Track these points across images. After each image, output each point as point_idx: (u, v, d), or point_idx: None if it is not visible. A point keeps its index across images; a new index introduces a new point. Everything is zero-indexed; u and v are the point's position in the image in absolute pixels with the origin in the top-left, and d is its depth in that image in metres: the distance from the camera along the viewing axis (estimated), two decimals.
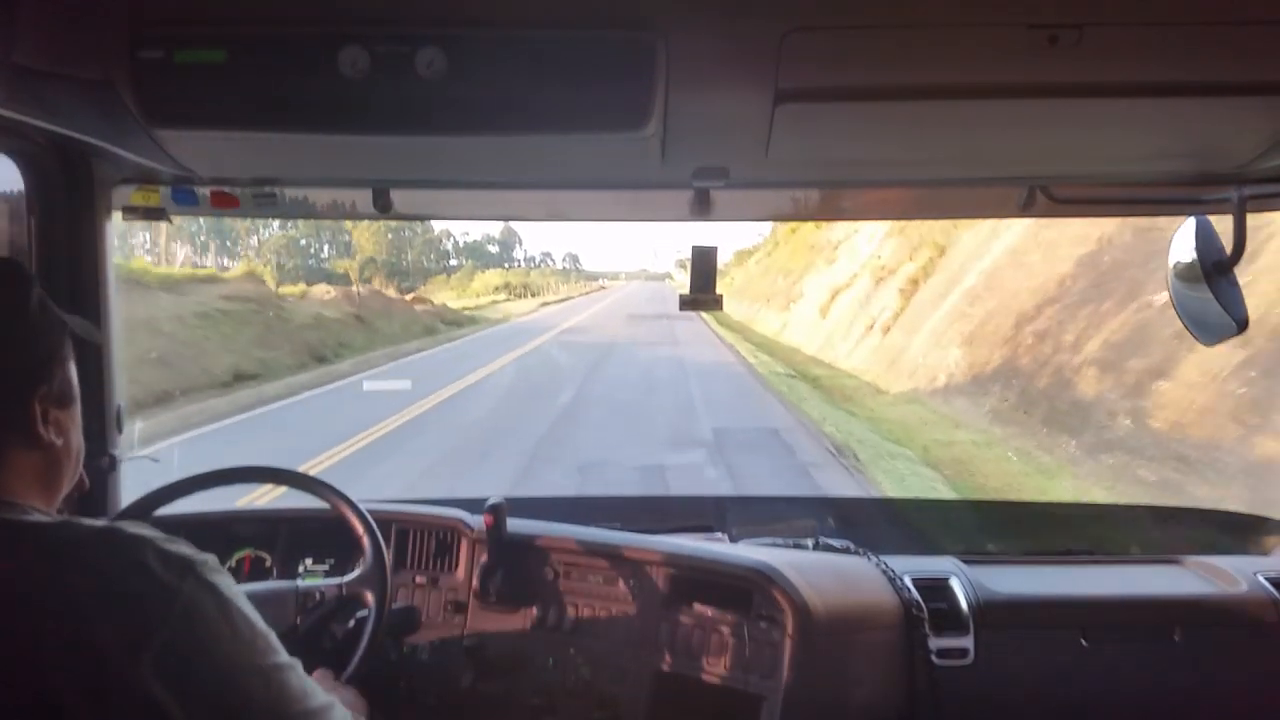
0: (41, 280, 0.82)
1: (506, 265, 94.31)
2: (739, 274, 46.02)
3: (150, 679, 0.67)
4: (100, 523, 0.74)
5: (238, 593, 0.75)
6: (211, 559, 0.74)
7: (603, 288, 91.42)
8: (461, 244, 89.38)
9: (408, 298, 30.69)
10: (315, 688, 0.79)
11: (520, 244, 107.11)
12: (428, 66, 0.88)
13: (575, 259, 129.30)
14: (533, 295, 62.38)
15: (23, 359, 0.78)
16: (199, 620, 0.71)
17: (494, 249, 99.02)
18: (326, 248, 69.33)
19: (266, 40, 0.90)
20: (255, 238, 62.71)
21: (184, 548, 0.73)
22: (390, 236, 66.40)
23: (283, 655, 0.77)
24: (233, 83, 0.91)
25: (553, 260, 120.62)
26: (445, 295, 55.06)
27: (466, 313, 33.08)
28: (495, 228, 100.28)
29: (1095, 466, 7.56)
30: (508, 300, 51.85)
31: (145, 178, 1.38)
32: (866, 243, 20.94)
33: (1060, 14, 0.86)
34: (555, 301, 52.04)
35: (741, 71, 0.95)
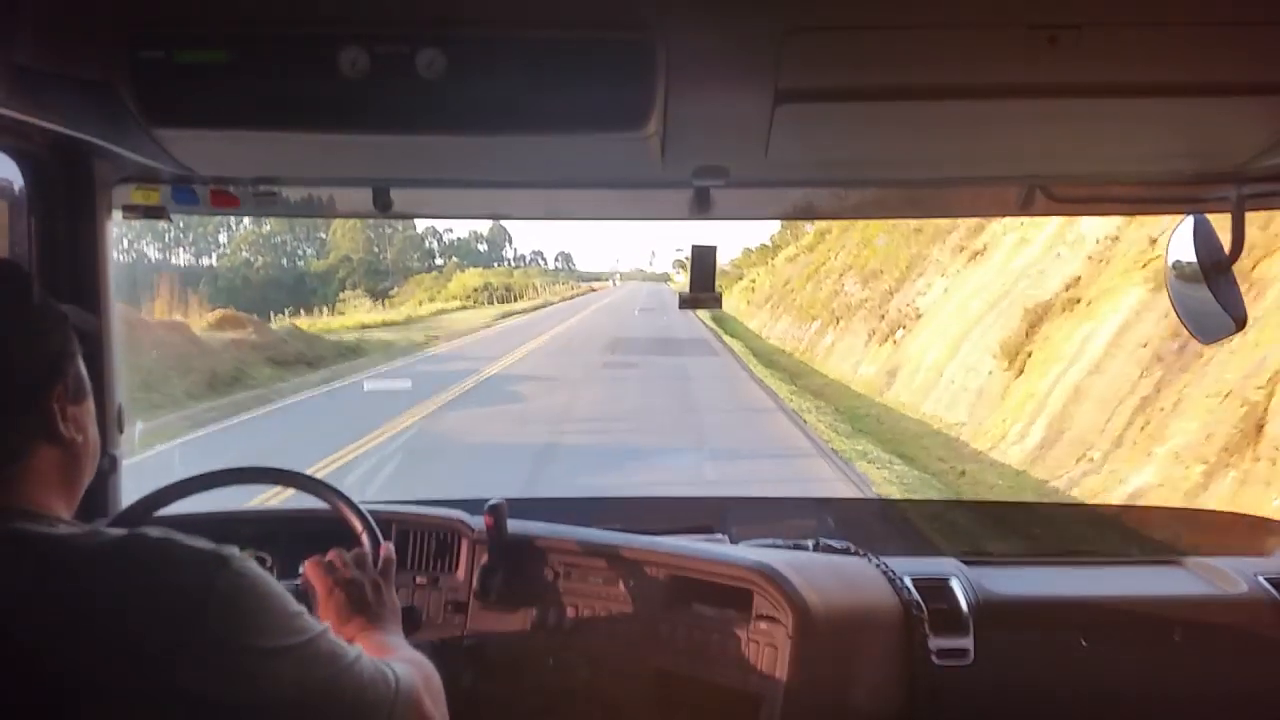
0: (41, 280, 0.82)
1: (496, 264, 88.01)
2: (764, 276, 35.92)
3: (193, 680, 0.68)
4: (122, 531, 0.74)
5: (267, 577, 0.75)
6: (236, 551, 0.74)
7: (592, 289, 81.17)
8: (448, 242, 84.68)
9: (209, 318, 17.27)
10: (342, 646, 0.80)
11: (510, 243, 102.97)
12: (428, 66, 0.88)
13: (568, 258, 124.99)
14: (510, 299, 52.95)
15: (36, 358, 0.77)
16: (236, 616, 0.71)
17: (483, 247, 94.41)
18: (305, 245, 64.97)
19: (266, 40, 0.90)
20: (224, 234, 58.85)
21: (207, 545, 0.74)
22: (368, 234, 61.38)
23: (314, 626, 0.77)
24: (233, 82, 0.91)
25: (544, 260, 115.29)
26: (420, 296, 50.02)
27: (350, 340, 20.11)
28: (484, 225, 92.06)
29: None
30: (461, 309, 41.66)
31: (145, 177, 1.38)
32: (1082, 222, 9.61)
33: (1060, 14, 0.86)
34: (523, 311, 41.91)
35: (741, 71, 0.95)
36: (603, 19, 0.89)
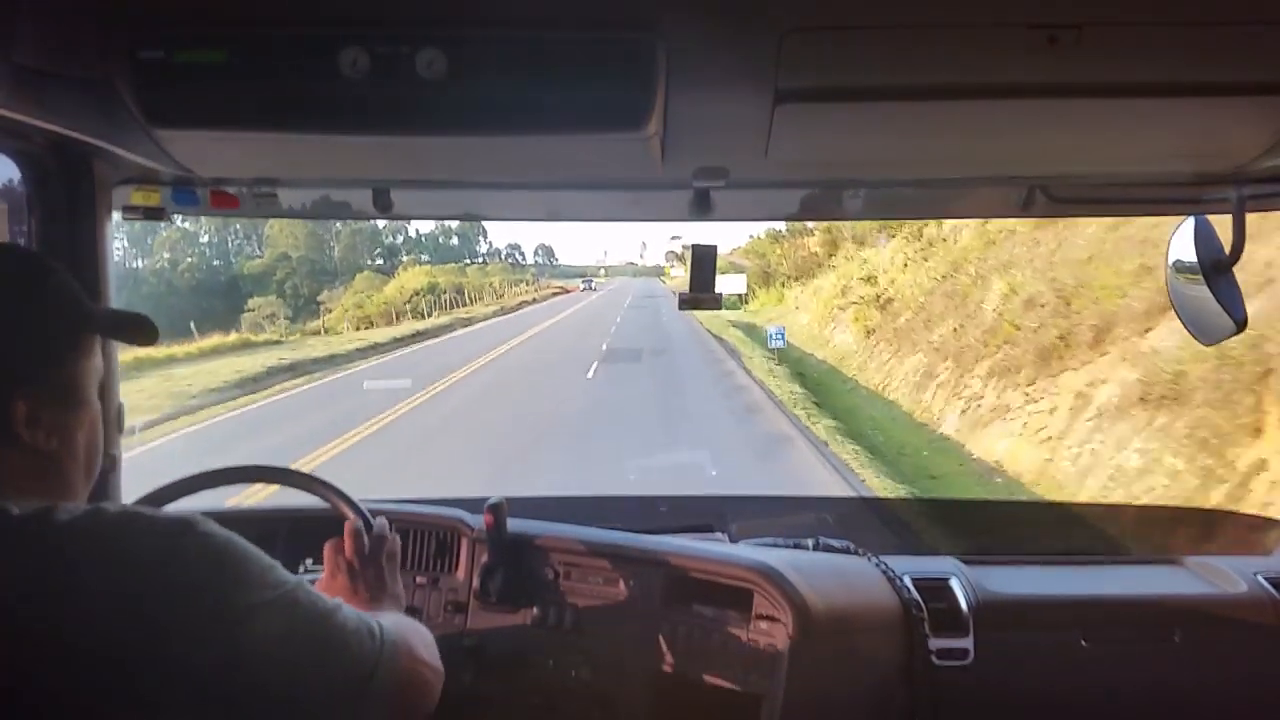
0: None
1: (469, 260, 77.06)
2: (909, 273, 15.10)
3: (170, 646, 0.68)
4: (82, 507, 0.73)
5: (235, 536, 0.75)
6: (198, 516, 0.74)
7: (564, 290, 62.67)
8: (413, 236, 74.56)
9: None
10: (321, 596, 0.80)
11: (485, 236, 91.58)
12: (428, 66, 0.88)
13: (550, 252, 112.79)
14: (462, 303, 40.43)
15: (4, 355, 0.75)
16: (206, 575, 0.71)
17: (454, 242, 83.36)
18: (247, 244, 55.64)
19: (266, 40, 0.90)
20: (163, 229, 47.86)
21: (166, 514, 0.73)
22: (311, 227, 51.48)
23: (289, 579, 0.77)
24: (233, 83, 0.91)
25: (521, 254, 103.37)
26: (347, 302, 40.24)
27: None
28: None
29: None
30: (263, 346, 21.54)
31: (145, 178, 1.38)
32: None
33: (1060, 14, 0.86)
34: (310, 369, 17.34)
35: (741, 72, 0.95)
36: (603, 19, 0.89)
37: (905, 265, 15.82)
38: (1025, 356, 9.22)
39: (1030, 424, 8.35)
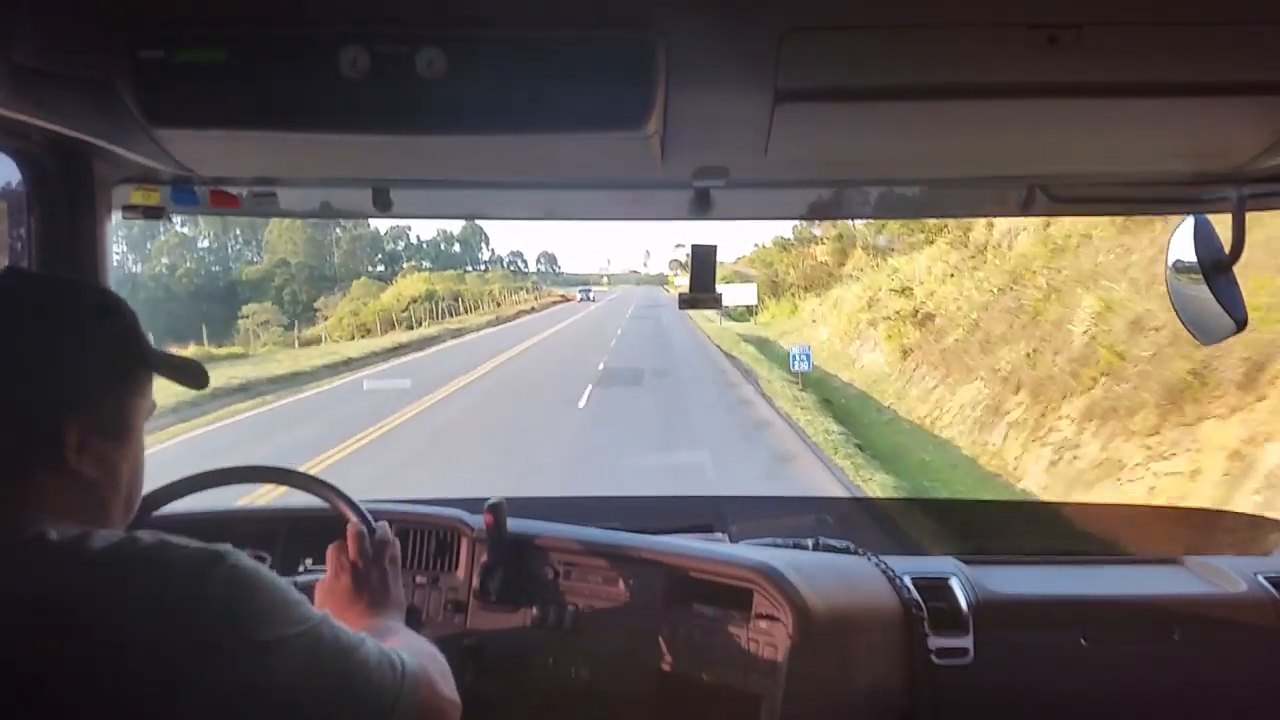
0: None
1: (469, 267, 76.86)
2: (930, 284, 13.56)
3: (197, 680, 0.68)
4: (117, 535, 0.74)
5: (262, 570, 0.76)
6: (229, 548, 0.74)
7: (565, 299, 62.51)
8: (414, 242, 74.08)
9: None
10: (346, 632, 0.81)
11: (487, 243, 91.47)
12: (428, 66, 0.88)
13: (553, 260, 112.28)
14: (458, 311, 39.32)
15: (58, 384, 0.76)
16: (234, 612, 0.71)
17: (456, 248, 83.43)
18: (246, 248, 54.87)
19: (266, 40, 0.90)
20: (162, 233, 48.84)
21: (200, 545, 0.74)
22: (311, 233, 51.63)
23: (313, 615, 0.78)
24: (233, 82, 0.91)
25: (524, 261, 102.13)
26: (343, 310, 38.84)
27: None
28: (456, 224, 78.12)
29: None
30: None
31: (145, 177, 1.38)
32: None
33: (1060, 14, 0.86)
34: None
35: (741, 71, 0.95)
36: (602, 18, 0.89)
37: (950, 275, 13.38)
38: (1140, 395, 6.94)
39: (1160, 488, 6.20)
